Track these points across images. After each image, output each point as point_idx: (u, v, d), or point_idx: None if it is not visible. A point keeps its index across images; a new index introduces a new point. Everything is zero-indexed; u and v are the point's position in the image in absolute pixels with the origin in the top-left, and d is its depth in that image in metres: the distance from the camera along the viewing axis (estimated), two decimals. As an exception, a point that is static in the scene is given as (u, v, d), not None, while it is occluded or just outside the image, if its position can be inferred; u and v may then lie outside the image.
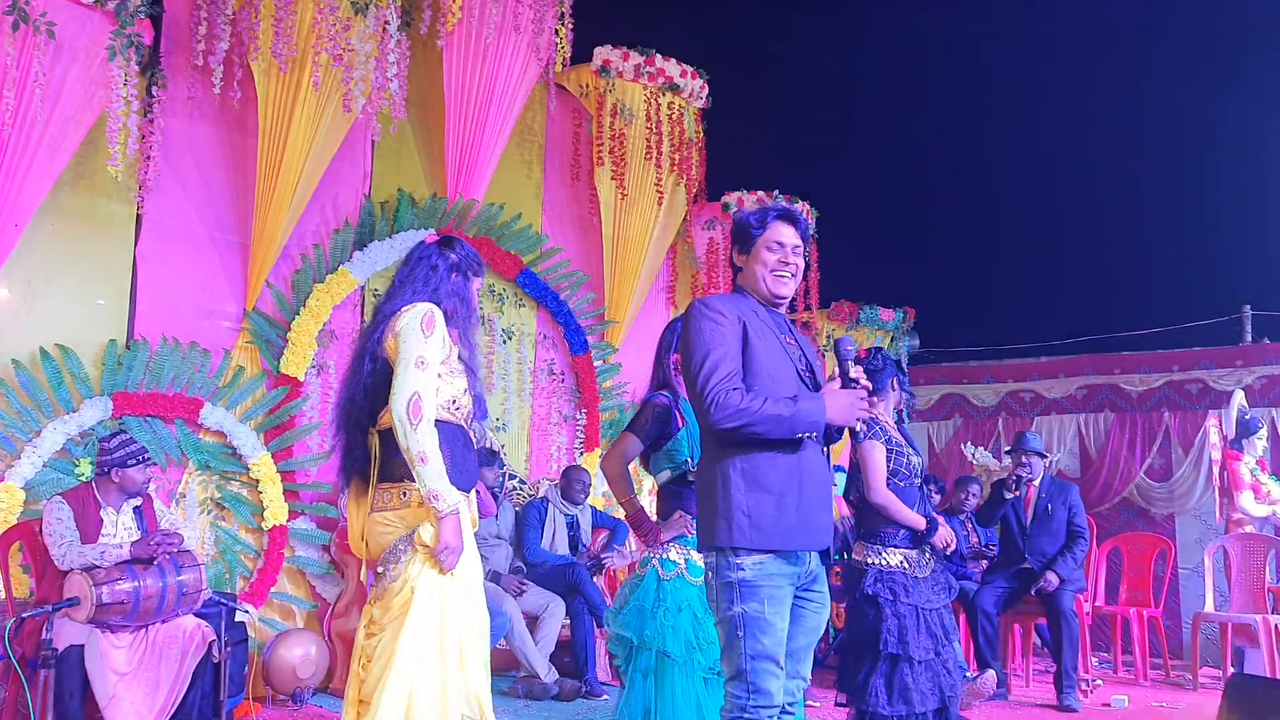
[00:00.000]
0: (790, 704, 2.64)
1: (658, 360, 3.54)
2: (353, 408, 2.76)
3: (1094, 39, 9.40)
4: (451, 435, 2.70)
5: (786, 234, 2.74)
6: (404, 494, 2.69)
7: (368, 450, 2.78)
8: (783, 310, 2.80)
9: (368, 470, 2.78)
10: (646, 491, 5.79)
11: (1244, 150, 9.39)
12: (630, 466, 3.51)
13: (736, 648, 2.52)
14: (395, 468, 2.70)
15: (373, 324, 2.80)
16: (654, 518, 3.44)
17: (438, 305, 2.76)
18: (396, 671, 2.54)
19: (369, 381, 2.73)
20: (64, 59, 4.51)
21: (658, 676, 3.21)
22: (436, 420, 2.65)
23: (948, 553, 4.06)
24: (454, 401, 2.74)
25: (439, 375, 2.69)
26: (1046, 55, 9.94)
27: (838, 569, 6.37)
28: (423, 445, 2.57)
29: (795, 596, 2.63)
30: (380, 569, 2.69)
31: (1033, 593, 5.77)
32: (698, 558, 3.24)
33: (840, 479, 6.25)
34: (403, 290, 2.80)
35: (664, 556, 3.32)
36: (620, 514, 5.91)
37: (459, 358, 2.79)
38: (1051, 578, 5.70)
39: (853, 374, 2.65)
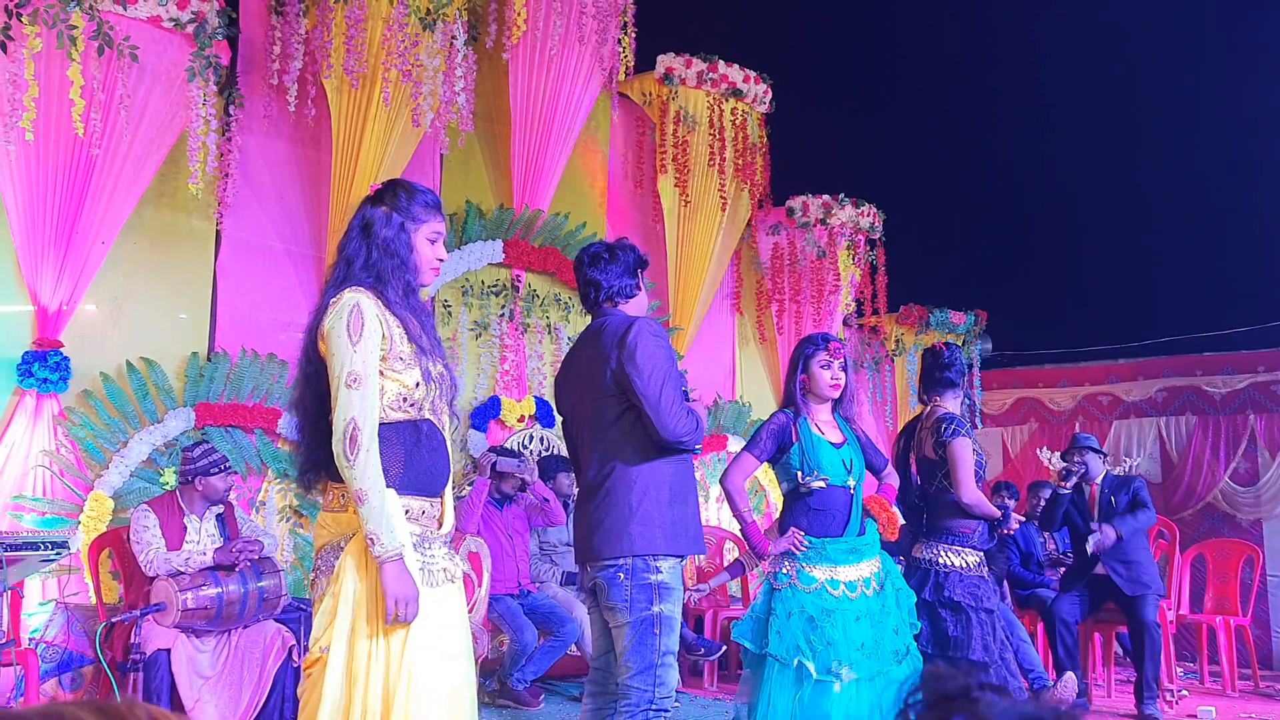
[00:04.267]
0: None
1: (788, 379, 3.62)
2: (304, 407, 2.44)
3: (1175, 30, 9.13)
4: (403, 434, 2.37)
5: None
6: (343, 496, 2.37)
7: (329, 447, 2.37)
8: None
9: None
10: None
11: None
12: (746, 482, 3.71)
13: (651, 645, 2.71)
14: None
15: (316, 310, 2.44)
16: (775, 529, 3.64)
17: (369, 286, 2.38)
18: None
19: (315, 383, 2.40)
20: (146, 81, 4.68)
21: (764, 680, 3.34)
22: (386, 423, 2.34)
23: (1009, 530, 3.98)
24: (404, 398, 2.38)
25: (380, 373, 2.35)
26: (1124, 48, 9.70)
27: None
28: (360, 483, 2.25)
29: None
30: (313, 576, 2.43)
31: (1088, 550, 5.49)
32: (808, 567, 3.39)
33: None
34: (337, 268, 2.44)
35: (777, 570, 3.45)
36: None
37: (410, 339, 2.39)
38: (1108, 531, 5.45)
39: (693, 395, 3.04)
